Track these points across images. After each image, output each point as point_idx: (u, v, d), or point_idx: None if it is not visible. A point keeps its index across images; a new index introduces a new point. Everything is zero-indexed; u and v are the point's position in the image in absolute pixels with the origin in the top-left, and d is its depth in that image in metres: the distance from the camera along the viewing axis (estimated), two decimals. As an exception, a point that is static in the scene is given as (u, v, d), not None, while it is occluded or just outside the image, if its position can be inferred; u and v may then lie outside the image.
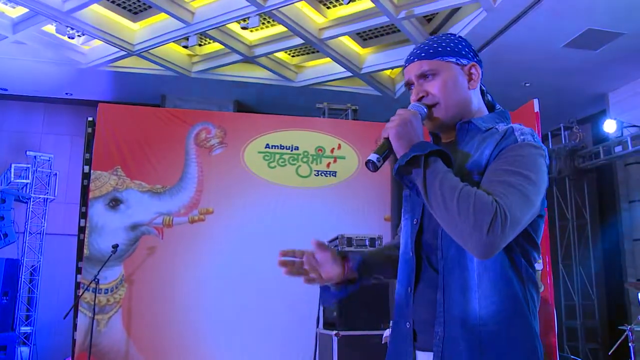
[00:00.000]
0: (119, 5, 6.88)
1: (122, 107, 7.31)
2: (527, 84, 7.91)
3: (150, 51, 7.50)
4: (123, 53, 7.53)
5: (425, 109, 1.58)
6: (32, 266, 8.51)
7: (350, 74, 8.06)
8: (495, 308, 1.44)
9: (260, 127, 6.45)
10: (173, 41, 7.18)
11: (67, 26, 6.84)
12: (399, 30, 7.05)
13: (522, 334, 1.44)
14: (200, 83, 8.37)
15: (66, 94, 9.15)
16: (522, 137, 1.49)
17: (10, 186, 8.64)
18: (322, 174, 6.64)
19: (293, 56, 8.09)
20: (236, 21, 6.57)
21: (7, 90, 9.19)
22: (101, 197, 6.04)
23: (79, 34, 7.44)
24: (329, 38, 7.13)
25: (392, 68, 8.13)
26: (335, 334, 4.62)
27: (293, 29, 6.82)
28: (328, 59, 7.86)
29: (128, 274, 5.88)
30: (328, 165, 6.71)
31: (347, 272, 1.71)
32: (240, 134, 6.35)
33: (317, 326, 5.13)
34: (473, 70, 1.61)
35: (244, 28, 6.53)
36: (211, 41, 7.56)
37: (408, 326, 1.55)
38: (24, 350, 8.01)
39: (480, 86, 1.66)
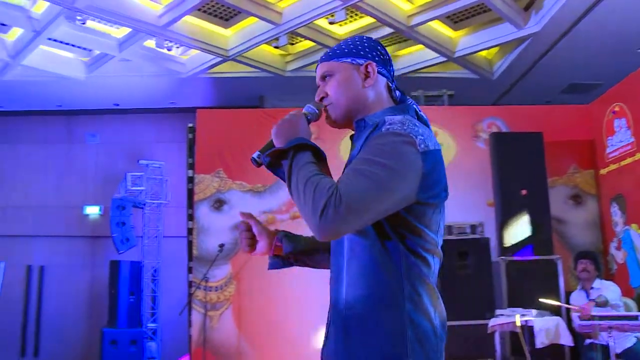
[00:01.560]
0: (210, 14, 7.15)
1: (218, 111, 7.61)
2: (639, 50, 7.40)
3: (244, 54, 7.72)
4: (219, 59, 7.82)
5: (314, 109, 1.66)
6: (153, 267, 9.05)
7: (443, 59, 7.89)
8: (361, 293, 1.50)
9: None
10: (264, 43, 7.36)
11: (165, 39, 7.20)
12: (490, 9, 6.82)
13: (389, 319, 1.46)
14: (295, 81, 8.50)
15: (170, 103, 9.65)
16: (387, 127, 1.51)
17: (128, 194, 9.25)
18: (420, 163, 6.54)
19: (385, 46, 8.03)
20: (323, 17, 6.62)
21: (118, 105, 9.83)
22: (206, 199, 6.32)
23: (177, 45, 7.81)
24: (418, 24, 7.02)
25: (487, 49, 7.87)
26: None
27: (381, 19, 6.77)
28: (420, 46, 7.73)
29: (236, 272, 6.13)
30: (425, 153, 6.59)
31: (273, 250, 1.79)
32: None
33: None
34: (369, 69, 1.65)
35: (331, 23, 6.58)
36: (302, 39, 7.68)
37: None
38: (152, 344, 8.56)
39: (388, 82, 1.69)
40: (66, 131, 10.24)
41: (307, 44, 7.77)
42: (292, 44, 7.90)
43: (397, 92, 1.71)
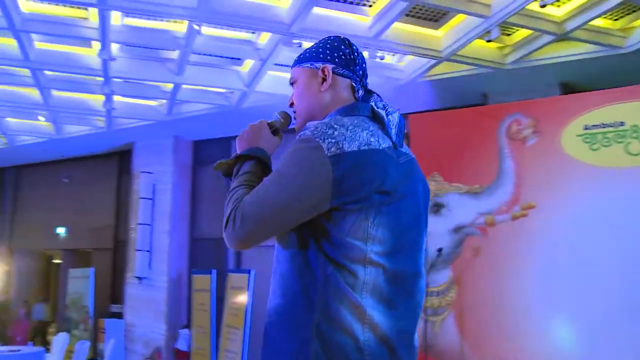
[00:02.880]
0: (419, 17, 7.14)
1: (431, 114, 7.56)
2: None
3: (458, 53, 7.55)
4: (434, 61, 7.76)
5: (279, 118, 1.74)
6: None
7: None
8: (277, 302, 1.50)
9: (575, 108, 5.91)
10: (477, 38, 7.10)
11: (377, 49, 7.38)
12: None
13: (297, 330, 1.43)
14: (518, 73, 8.04)
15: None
16: (301, 133, 1.49)
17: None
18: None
19: (615, 19, 7.16)
20: (534, 1, 6.16)
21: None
22: (423, 204, 6.31)
23: (392, 53, 7.95)
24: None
25: None
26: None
27: (604, -11, 6.09)
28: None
29: (456, 276, 6.00)
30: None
31: None
32: (554, 119, 5.91)
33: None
34: (325, 72, 1.63)
35: (542, 6, 6.09)
36: (516, 28, 7.24)
37: None
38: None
39: (351, 83, 1.65)
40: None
41: (524, 32, 7.28)
42: (508, 34, 7.49)
43: (360, 92, 1.68)
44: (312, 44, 1.77)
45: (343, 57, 1.66)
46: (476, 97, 8.89)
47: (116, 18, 7.21)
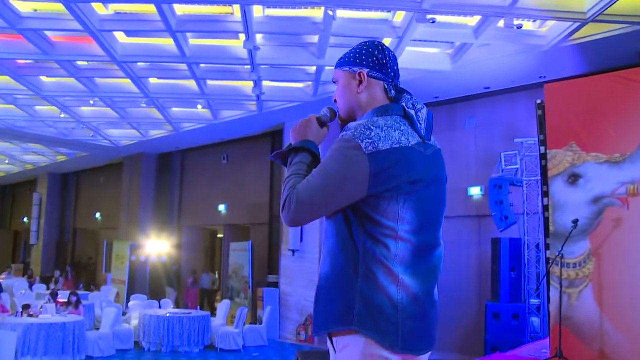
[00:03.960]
0: (556, -20, 6.88)
1: (566, 82, 7.26)
2: None
3: (605, 12, 7.13)
4: (577, 24, 7.41)
5: (327, 112, 1.99)
6: (535, 243, 9.11)
7: None
8: (326, 270, 1.82)
9: None
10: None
11: (513, 17, 7.23)
12: None
13: (343, 292, 1.75)
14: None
15: (540, 77, 9.49)
16: (342, 134, 1.80)
17: (504, 173, 9.52)
18: None
19: None
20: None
21: (489, 88, 10.19)
22: (559, 175, 6.16)
23: (532, 20, 7.73)
24: None
25: None
26: None
27: None
28: None
29: (595, 248, 5.81)
30: None
31: None
32: None
33: None
34: (362, 76, 1.89)
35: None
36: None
37: None
38: (535, 320, 8.68)
39: (384, 85, 1.90)
40: (448, 119, 11.06)
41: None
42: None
43: (392, 92, 1.92)
44: (449, 16, 1.96)
45: (376, 61, 1.90)
46: (632, 56, 8.29)
47: (258, 10, 7.77)
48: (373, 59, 1.91)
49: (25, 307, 9.34)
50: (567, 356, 5.61)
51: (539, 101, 6.62)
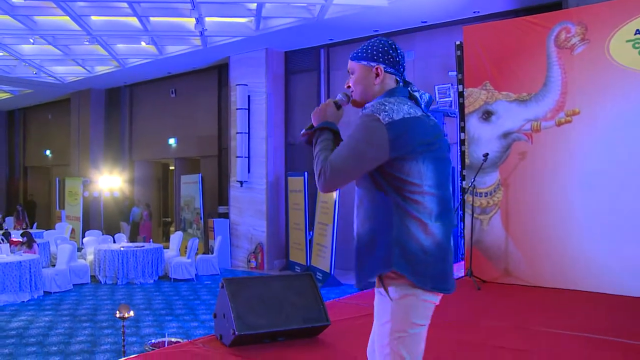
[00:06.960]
0: None
1: (482, 25, 7.68)
2: None
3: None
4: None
5: (343, 97, 2.36)
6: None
7: None
8: (367, 226, 2.18)
9: (627, 12, 5.83)
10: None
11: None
12: None
13: (383, 242, 2.11)
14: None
15: (474, 12, 9.87)
16: (363, 111, 2.23)
17: (439, 105, 10.01)
18: None
19: None
20: None
21: (426, 22, 10.54)
22: (475, 112, 6.68)
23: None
24: None
25: None
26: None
27: None
28: None
29: (504, 178, 6.42)
30: None
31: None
32: (603, 25, 5.87)
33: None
34: (379, 71, 2.26)
35: None
36: None
37: None
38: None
39: (396, 78, 2.29)
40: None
41: None
42: None
43: (401, 83, 2.31)
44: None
45: (391, 59, 2.29)
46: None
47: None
48: (388, 57, 2.28)
49: (-21, 248, 9.60)
50: (477, 275, 6.33)
51: (458, 42, 7.03)
